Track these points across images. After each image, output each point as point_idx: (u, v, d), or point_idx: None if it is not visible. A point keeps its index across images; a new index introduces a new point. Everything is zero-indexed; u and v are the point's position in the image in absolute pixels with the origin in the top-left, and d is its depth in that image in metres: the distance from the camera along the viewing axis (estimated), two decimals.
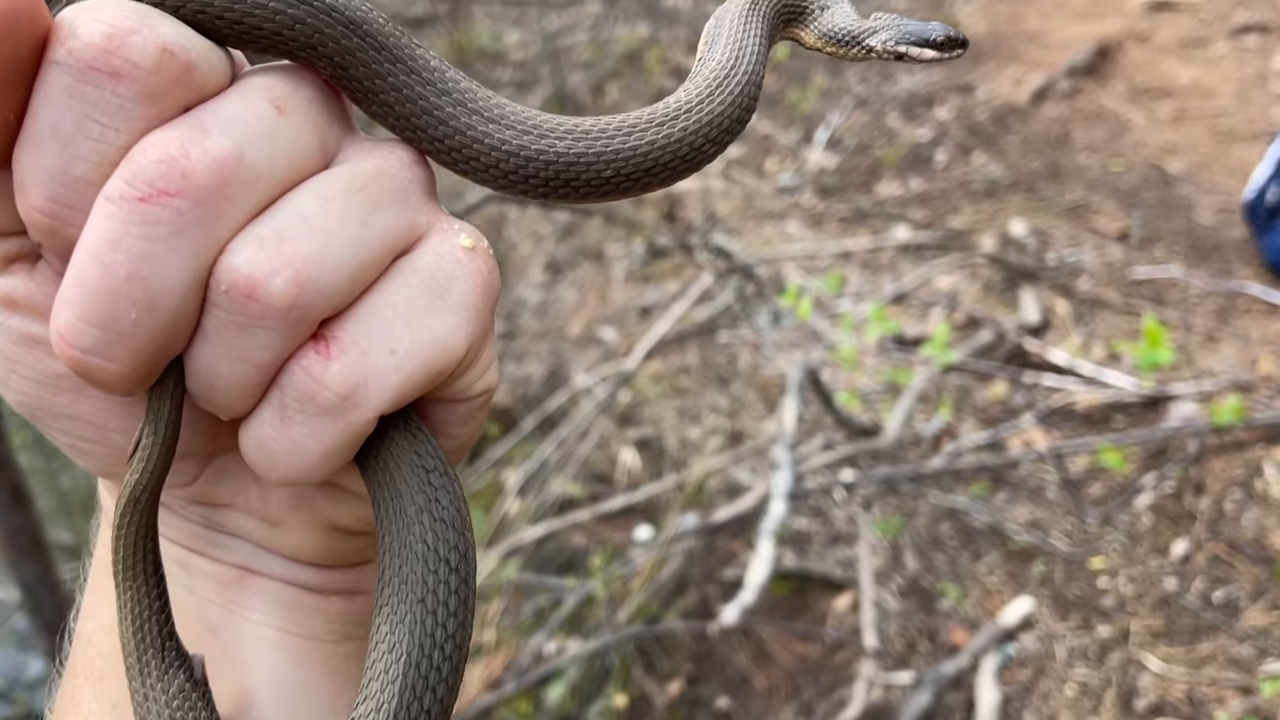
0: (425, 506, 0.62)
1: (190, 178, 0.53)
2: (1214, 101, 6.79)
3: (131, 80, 0.53)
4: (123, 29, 0.53)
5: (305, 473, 0.60)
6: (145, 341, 0.54)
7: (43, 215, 0.54)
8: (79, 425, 0.64)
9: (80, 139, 0.53)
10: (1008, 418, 4.52)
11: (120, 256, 0.52)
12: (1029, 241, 5.73)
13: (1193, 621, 3.60)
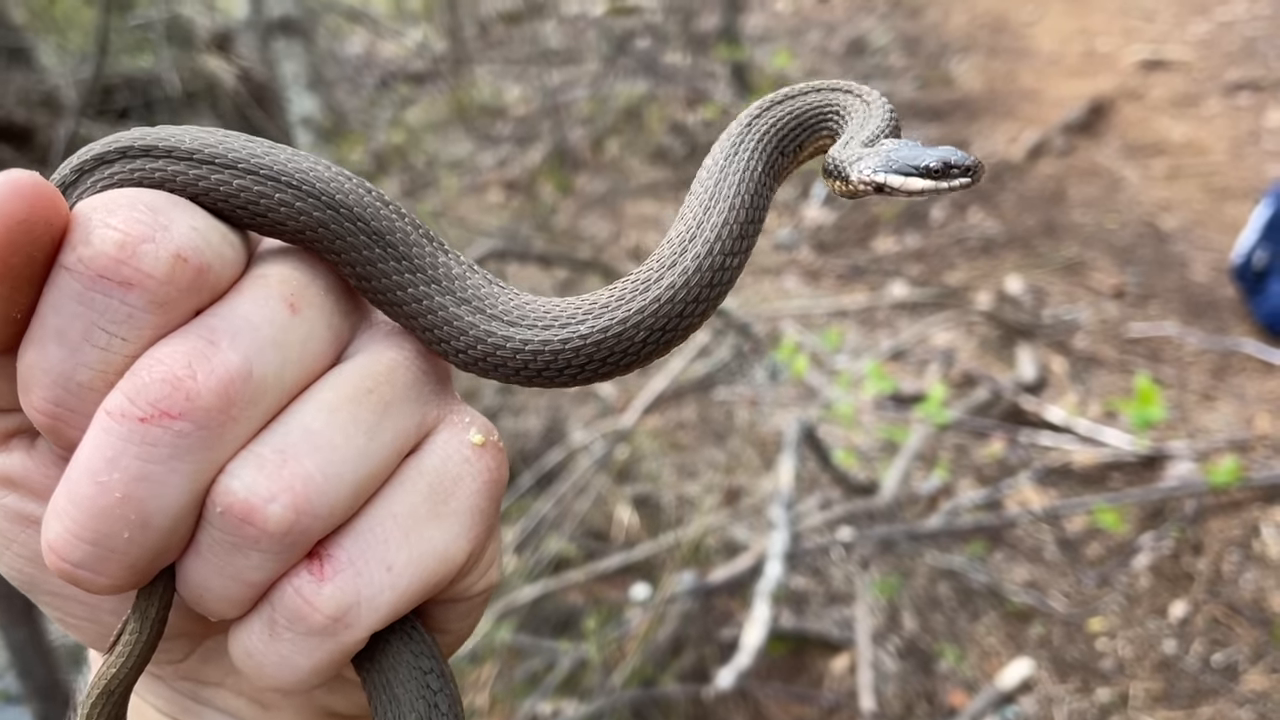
0: (426, 714, 0.61)
1: (195, 400, 0.52)
2: (1207, 158, 6.86)
3: (143, 290, 0.52)
4: (135, 236, 0.52)
5: (293, 685, 0.58)
6: (136, 559, 0.53)
7: (44, 416, 0.54)
8: (70, 604, 0.63)
9: (87, 346, 0.52)
10: (1004, 476, 4.52)
11: (117, 476, 0.51)
12: (1025, 298, 5.76)
13: (1192, 685, 3.57)
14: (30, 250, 0.51)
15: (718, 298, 0.64)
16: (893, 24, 10.56)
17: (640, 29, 9.66)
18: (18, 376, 0.54)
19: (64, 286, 0.52)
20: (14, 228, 0.50)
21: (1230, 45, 8.47)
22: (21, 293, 0.52)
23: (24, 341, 0.53)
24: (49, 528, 0.53)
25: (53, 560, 0.53)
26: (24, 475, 0.59)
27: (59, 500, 0.53)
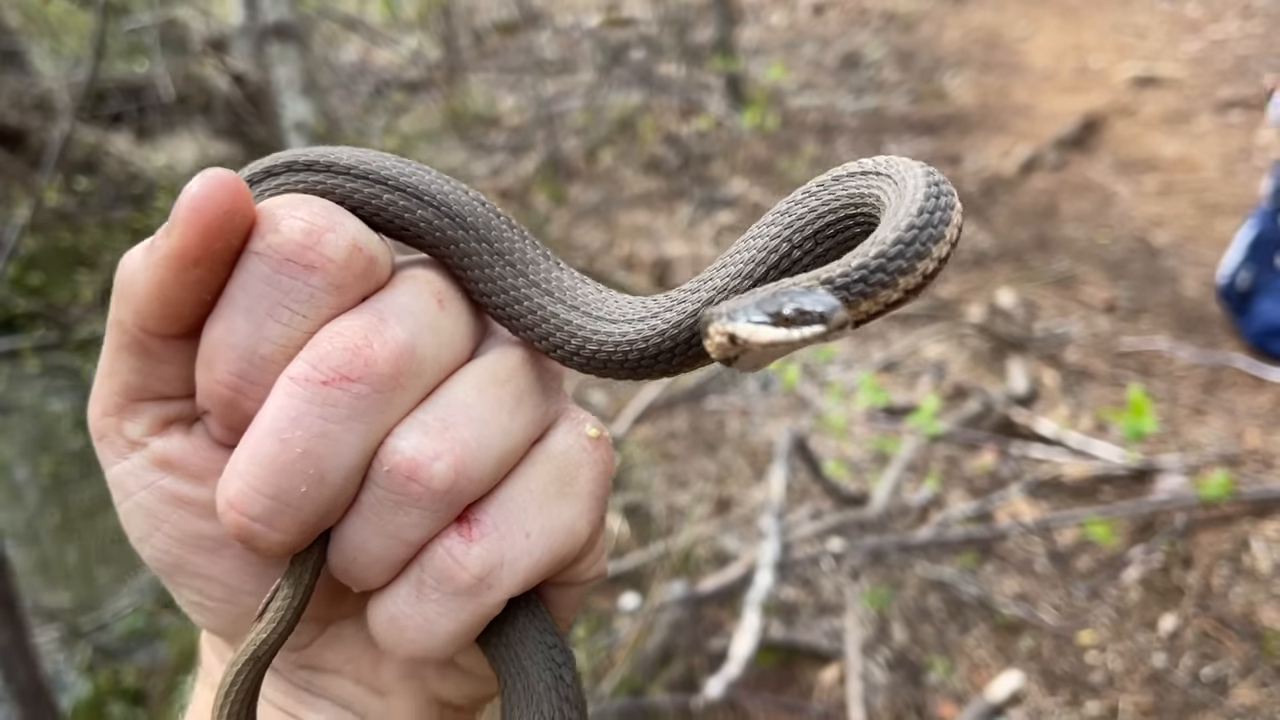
0: (553, 685, 0.66)
1: (372, 366, 0.58)
2: (1199, 175, 6.89)
3: (324, 273, 0.59)
4: (319, 226, 0.59)
5: (432, 650, 0.62)
6: (309, 514, 0.58)
7: (225, 388, 0.59)
8: (211, 585, 0.66)
9: (271, 323, 0.58)
10: (996, 488, 4.51)
11: (299, 434, 0.56)
12: (1017, 312, 5.77)
13: (1182, 699, 3.56)
14: (229, 238, 0.57)
15: None
16: (887, 38, 10.60)
17: (635, 40, 9.69)
18: (201, 352, 0.60)
19: (254, 269, 0.58)
20: (220, 216, 0.56)
21: (1222, 63, 8.53)
22: (216, 276, 0.58)
23: (211, 320, 0.59)
24: (229, 486, 0.57)
25: (231, 517, 0.57)
26: (181, 458, 0.64)
27: (240, 460, 0.57)
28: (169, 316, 0.60)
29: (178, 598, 0.68)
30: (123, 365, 0.63)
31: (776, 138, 8.32)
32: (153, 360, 0.62)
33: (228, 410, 0.60)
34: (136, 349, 0.62)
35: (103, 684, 5.02)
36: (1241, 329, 5.21)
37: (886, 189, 0.66)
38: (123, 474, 0.64)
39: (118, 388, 0.64)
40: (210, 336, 0.59)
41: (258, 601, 0.66)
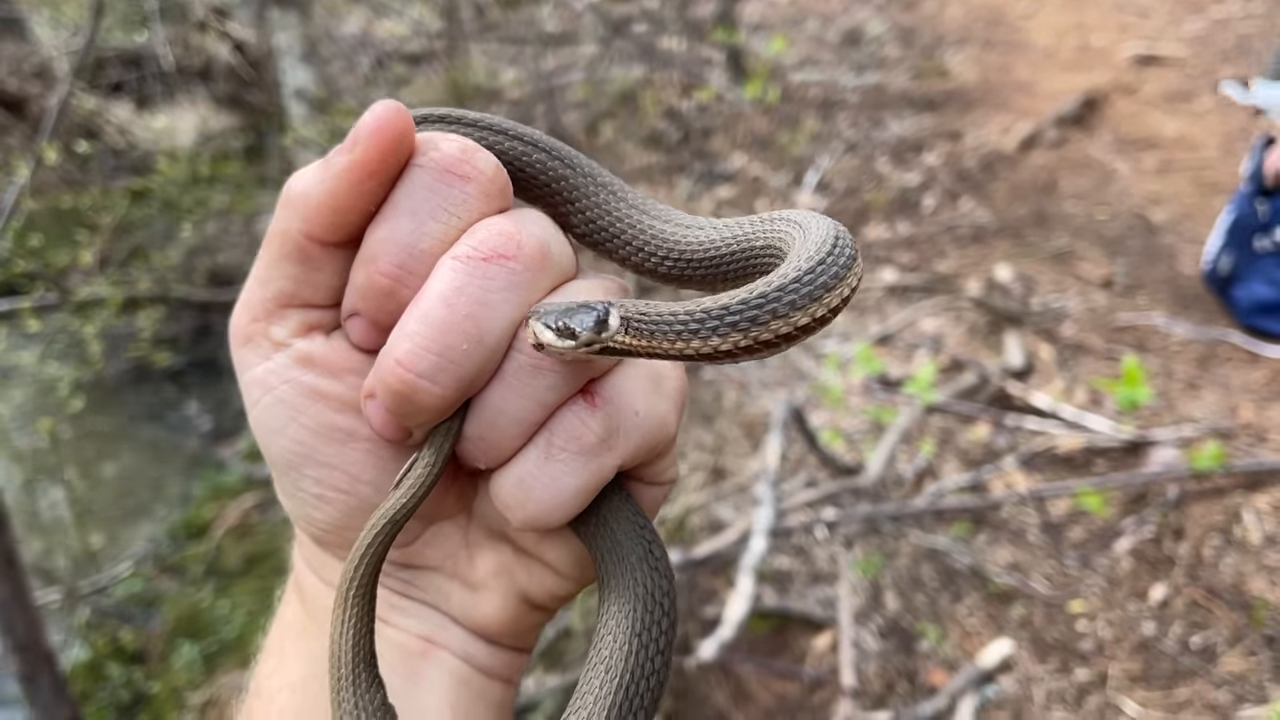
0: (644, 556, 0.73)
1: (522, 248, 0.68)
2: (1198, 154, 6.89)
3: (476, 183, 0.70)
4: (471, 147, 0.71)
5: (554, 509, 0.70)
6: (466, 371, 0.67)
7: (386, 278, 0.68)
8: (335, 474, 0.74)
9: (431, 222, 0.69)
10: (990, 460, 4.54)
11: (463, 299, 0.66)
12: (1014, 286, 5.78)
13: (1170, 666, 3.59)
14: (400, 155, 0.68)
15: None
16: (889, 15, 10.57)
17: (636, 14, 9.65)
18: (363, 252, 0.69)
19: (417, 179, 0.69)
20: (396, 135, 0.67)
21: (1224, 42, 8.51)
22: (383, 188, 0.68)
23: (375, 223, 0.69)
24: (397, 347, 0.66)
25: (398, 373, 0.66)
26: (322, 356, 0.73)
27: (408, 324, 0.66)
28: (336, 224, 0.69)
29: (295, 494, 0.75)
30: (279, 273, 0.72)
31: (777, 112, 8.30)
32: (309, 268, 0.72)
33: (384, 300, 0.69)
34: (298, 256, 0.71)
35: (101, 647, 5.06)
36: (1232, 311, 5.23)
37: (794, 234, 0.73)
38: (266, 372, 0.73)
39: (271, 294, 0.73)
40: (375, 236, 0.69)
41: (376, 494, 0.73)
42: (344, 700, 0.70)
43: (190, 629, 5.26)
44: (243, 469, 6.66)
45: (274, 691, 0.78)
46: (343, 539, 0.76)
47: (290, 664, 0.79)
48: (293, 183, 0.71)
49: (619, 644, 0.70)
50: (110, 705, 4.74)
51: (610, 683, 0.68)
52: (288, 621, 0.82)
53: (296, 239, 0.71)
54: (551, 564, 0.79)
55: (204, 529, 6.22)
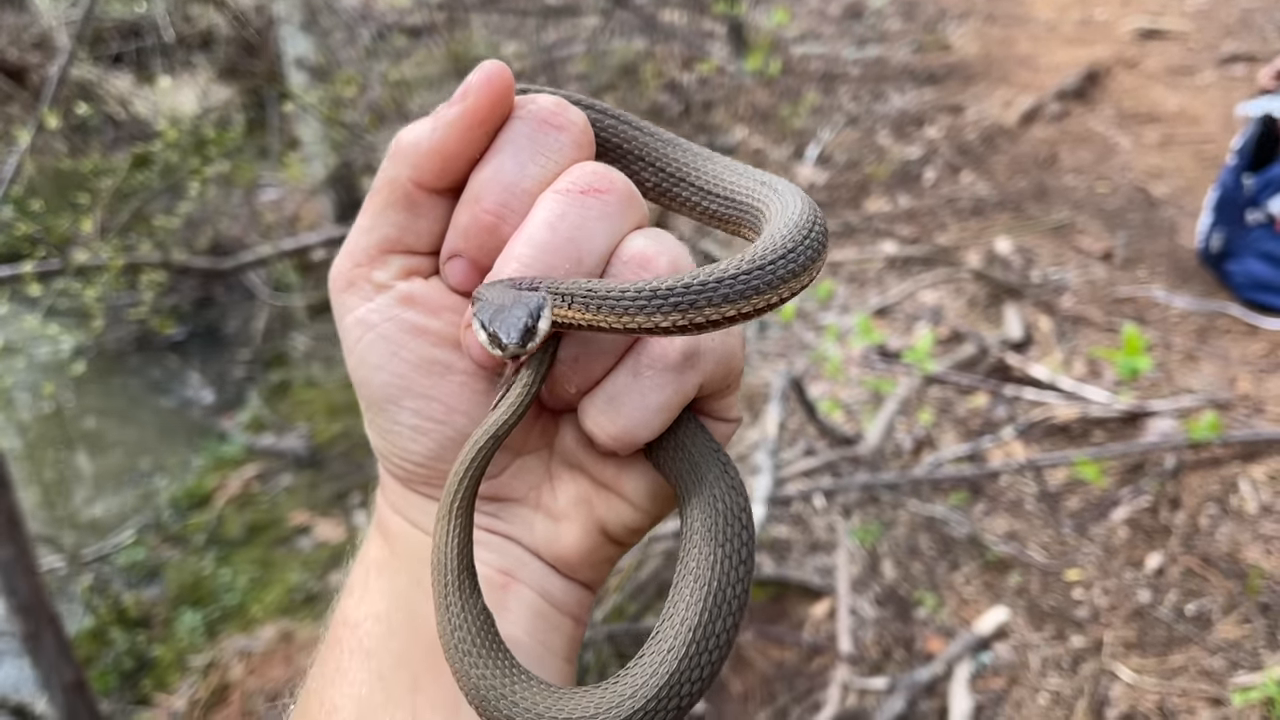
0: (720, 475, 0.78)
1: (615, 184, 0.77)
2: (1200, 128, 6.88)
3: (569, 133, 0.78)
4: (563, 102, 0.79)
5: (642, 425, 0.76)
6: None
7: (491, 215, 0.76)
8: (432, 405, 0.80)
9: (531, 164, 0.77)
10: (988, 430, 4.56)
11: (564, 225, 0.75)
12: (1014, 259, 5.78)
13: (1165, 633, 3.62)
14: (505, 107, 0.76)
15: None
16: None
17: None
18: (468, 194, 0.77)
19: (518, 128, 0.77)
20: (502, 88, 0.75)
21: (1227, 17, 8.47)
22: (487, 137, 0.77)
23: (479, 168, 0.77)
24: (504, 269, 0.75)
25: None
26: (422, 296, 0.80)
27: (515, 248, 0.75)
28: (444, 170, 0.77)
29: (392, 428, 0.81)
30: (385, 221, 0.80)
31: (778, 85, 8.28)
32: (413, 214, 0.79)
33: (487, 237, 0.77)
34: (404, 203, 0.79)
35: (104, 614, 5.09)
36: (1229, 287, 5.24)
37: (773, 207, 0.82)
38: (368, 311, 0.80)
39: (375, 241, 0.80)
40: (480, 178, 0.77)
41: (469, 424, 0.80)
42: (450, 604, 0.74)
43: (192, 596, 5.29)
44: (244, 440, 6.68)
45: (360, 620, 0.83)
46: (433, 473, 0.82)
47: (374, 597, 0.84)
48: (403, 135, 0.78)
49: (704, 556, 0.75)
50: (114, 671, 4.77)
51: (699, 590, 0.73)
52: (371, 559, 0.87)
53: (405, 186, 0.78)
54: (628, 495, 0.83)
55: (206, 499, 6.24)
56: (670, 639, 0.73)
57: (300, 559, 5.50)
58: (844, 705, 3.63)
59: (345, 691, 0.81)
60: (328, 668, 0.83)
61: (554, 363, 0.78)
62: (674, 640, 0.73)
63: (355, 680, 0.81)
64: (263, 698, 3.75)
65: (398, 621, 0.81)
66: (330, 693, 0.81)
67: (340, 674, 0.82)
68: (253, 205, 7.40)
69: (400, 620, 0.81)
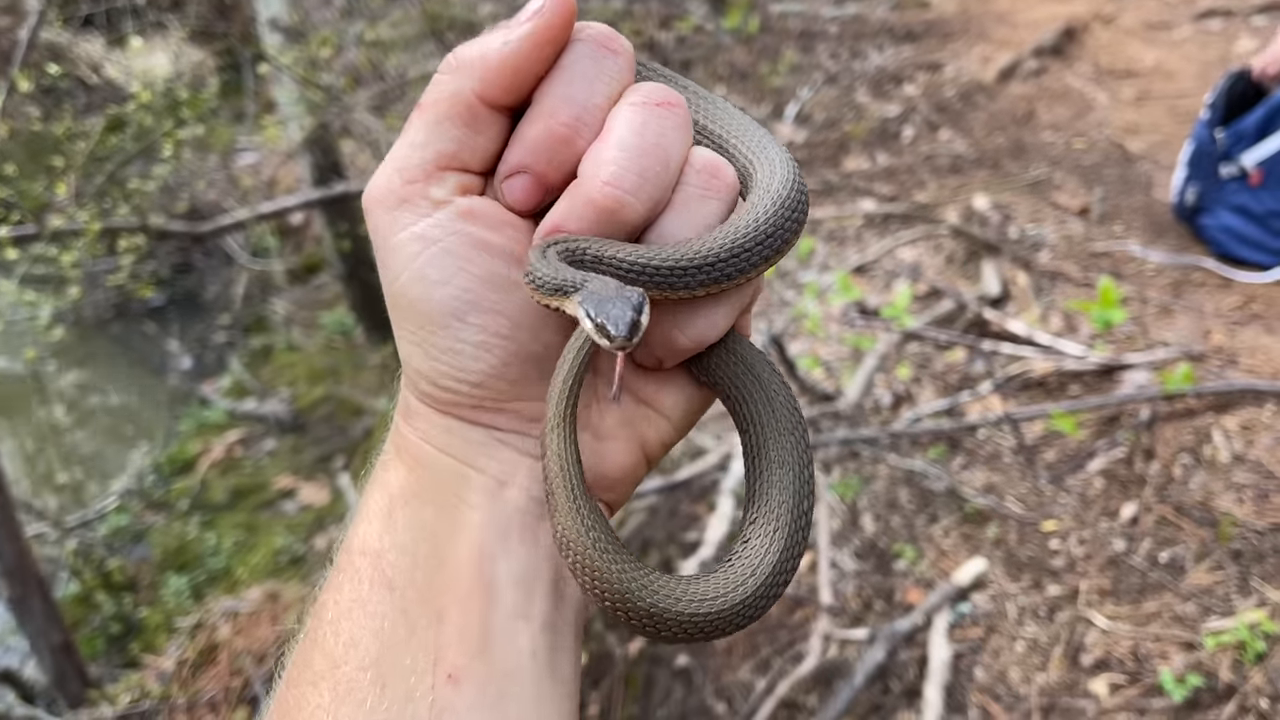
0: (773, 374, 0.85)
1: (676, 102, 0.81)
2: (1176, 83, 6.90)
3: (625, 57, 0.82)
4: (614, 30, 0.82)
5: (716, 325, 0.82)
6: (658, 191, 0.79)
7: (566, 128, 0.78)
8: (498, 320, 0.81)
9: (598, 83, 0.80)
10: (966, 385, 4.60)
11: (649, 130, 0.78)
12: (992, 216, 5.81)
13: (1139, 581, 3.69)
14: (569, 28, 0.79)
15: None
16: None
17: None
18: (539, 109, 0.79)
19: (581, 50, 0.80)
20: (572, 10, 0.78)
21: None
22: (554, 55, 0.79)
23: (547, 85, 0.79)
24: (602, 171, 0.77)
25: (606, 190, 0.77)
26: (483, 210, 0.81)
27: (607, 152, 0.77)
28: (512, 85, 0.79)
29: (454, 345, 0.80)
30: (442, 135, 0.80)
31: (757, 43, 8.24)
32: (473, 130, 0.80)
33: (560, 149, 0.79)
34: (465, 118, 0.79)
35: (89, 579, 5.11)
36: (1204, 241, 5.29)
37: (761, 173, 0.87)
38: (429, 227, 0.79)
39: (430, 156, 0.80)
40: (552, 94, 0.79)
41: (533, 340, 0.82)
42: (580, 508, 0.77)
43: (178, 561, 5.31)
44: (226, 405, 6.68)
45: (382, 550, 0.81)
46: (486, 394, 0.82)
47: (400, 528, 0.82)
48: (465, 49, 0.80)
49: (784, 446, 0.83)
50: (101, 635, 4.80)
51: (787, 475, 0.82)
52: (395, 487, 0.84)
53: (468, 99, 0.79)
54: (667, 412, 0.87)
55: (189, 464, 6.25)
56: (775, 520, 0.80)
57: (285, 522, 5.52)
58: (825, 656, 3.69)
59: (365, 625, 0.79)
60: (343, 596, 0.81)
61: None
62: (778, 521, 0.80)
63: (376, 613, 0.79)
64: (250, 657, 3.78)
65: (423, 554, 0.80)
66: (346, 624, 0.79)
67: (359, 605, 0.79)
68: (230, 169, 7.34)
69: (425, 553, 0.80)
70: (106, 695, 3.58)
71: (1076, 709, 3.39)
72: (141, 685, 3.69)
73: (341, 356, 6.92)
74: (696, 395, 0.88)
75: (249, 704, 3.56)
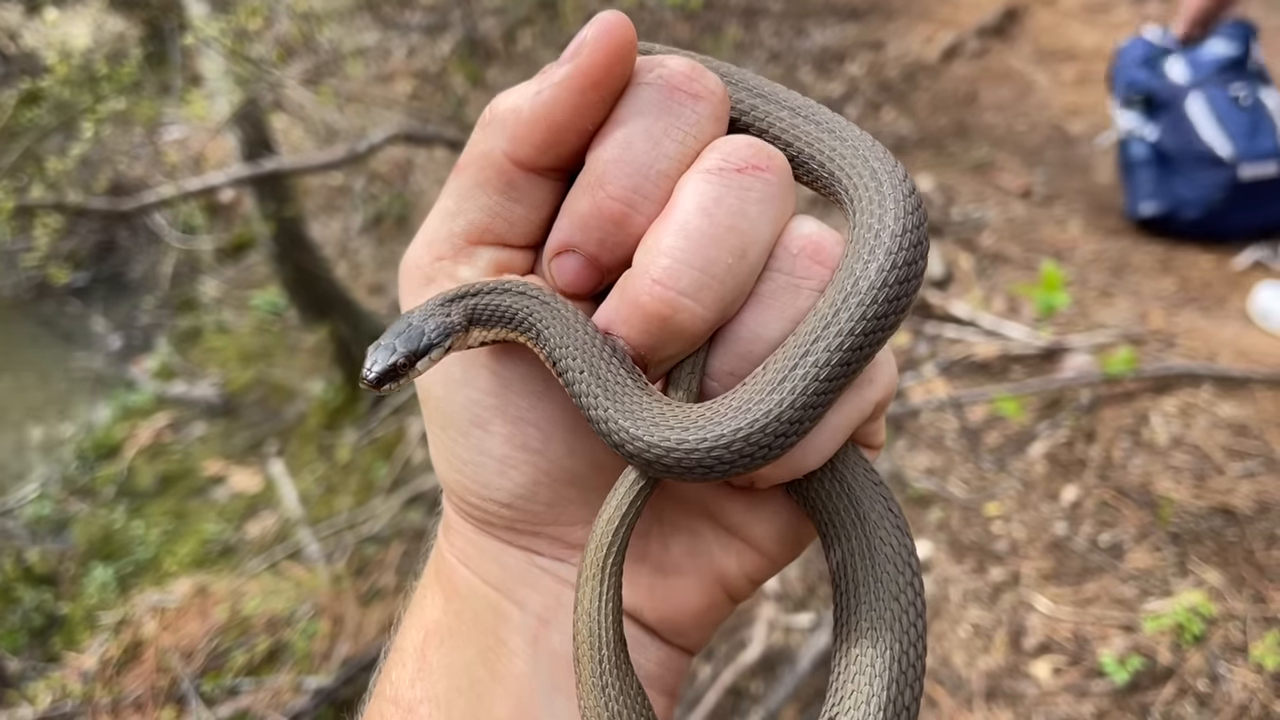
0: (884, 514, 0.68)
1: (774, 160, 0.64)
2: None
3: (709, 103, 0.65)
4: (699, 67, 0.65)
5: (819, 448, 0.65)
6: (729, 290, 0.62)
7: (618, 202, 0.63)
8: (527, 431, 0.67)
9: (667, 141, 0.63)
10: (910, 368, 4.59)
11: (723, 211, 0.61)
12: (935, 197, 5.80)
13: (1080, 564, 3.71)
14: (626, 67, 0.63)
15: None
16: None
17: None
18: (588, 176, 0.64)
19: (646, 96, 0.63)
20: (624, 44, 0.61)
21: None
22: (605, 104, 0.64)
23: (599, 143, 0.64)
24: (653, 265, 0.61)
25: (656, 291, 0.60)
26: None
27: (664, 238, 0.61)
28: (550, 143, 0.64)
29: (475, 459, 0.67)
30: (473, 204, 0.66)
31: (699, 20, 8.16)
32: (508, 197, 0.66)
33: (613, 229, 0.63)
34: (498, 183, 0.66)
35: (9, 570, 4.92)
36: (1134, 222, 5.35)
37: (868, 186, 0.68)
38: None
39: (461, 228, 0.67)
40: (602, 158, 0.63)
41: (569, 456, 0.66)
42: (608, 686, 0.63)
43: (103, 551, 5.14)
44: (154, 388, 6.48)
45: (415, 703, 0.69)
46: (518, 515, 0.68)
47: (435, 675, 0.70)
48: (499, 100, 0.67)
49: (879, 614, 0.64)
50: (22, 628, 4.62)
51: (880, 658, 0.63)
52: (431, 624, 0.72)
53: (500, 162, 0.65)
54: (756, 540, 0.72)
55: (115, 449, 6.05)
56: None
57: (215, 509, 5.36)
58: (770, 642, 3.67)
59: None
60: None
61: (704, 378, 0.66)
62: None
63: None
64: (178, 654, 3.65)
65: (460, 710, 0.67)
66: None
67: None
68: (156, 144, 7.10)
69: (463, 709, 0.67)
70: (26, 695, 3.44)
71: (1018, 692, 3.40)
72: (63, 685, 3.55)
73: (273, 338, 6.74)
74: (796, 522, 0.72)
75: (176, 703, 3.44)
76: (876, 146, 0.68)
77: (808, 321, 0.63)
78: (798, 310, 0.64)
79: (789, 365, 0.61)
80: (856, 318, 0.61)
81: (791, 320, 0.64)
